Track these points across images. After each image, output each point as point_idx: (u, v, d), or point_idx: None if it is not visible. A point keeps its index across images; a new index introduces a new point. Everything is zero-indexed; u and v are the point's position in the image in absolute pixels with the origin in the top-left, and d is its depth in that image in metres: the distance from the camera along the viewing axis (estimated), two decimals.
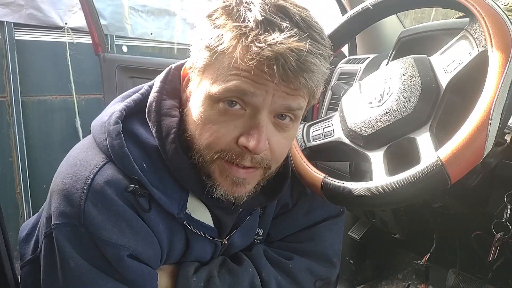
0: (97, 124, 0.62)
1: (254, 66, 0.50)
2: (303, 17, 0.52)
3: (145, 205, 0.57)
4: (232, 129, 0.54)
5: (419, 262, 1.12)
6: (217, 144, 0.55)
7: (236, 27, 0.51)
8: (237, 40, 0.51)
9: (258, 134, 0.53)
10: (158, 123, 0.60)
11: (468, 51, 0.63)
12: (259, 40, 0.49)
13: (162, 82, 0.64)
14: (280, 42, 0.49)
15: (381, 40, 1.35)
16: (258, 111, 0.53)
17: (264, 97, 0.52)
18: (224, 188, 0.58)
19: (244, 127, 0.54)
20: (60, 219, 0.56)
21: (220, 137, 0.55)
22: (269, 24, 0.50)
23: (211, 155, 0.56)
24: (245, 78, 0.51)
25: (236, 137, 0.55)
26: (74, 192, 0.55)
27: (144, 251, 0.58)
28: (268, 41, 0.49)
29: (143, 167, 0.58)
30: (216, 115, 0.54)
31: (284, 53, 0.49)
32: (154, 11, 2.81)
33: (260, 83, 0.51)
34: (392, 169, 0.63)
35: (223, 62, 0.52)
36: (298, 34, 0.50)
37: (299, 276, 0.71)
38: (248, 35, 0.50)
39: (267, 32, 0.50)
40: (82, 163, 0.58)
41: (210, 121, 0.55)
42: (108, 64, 1.81)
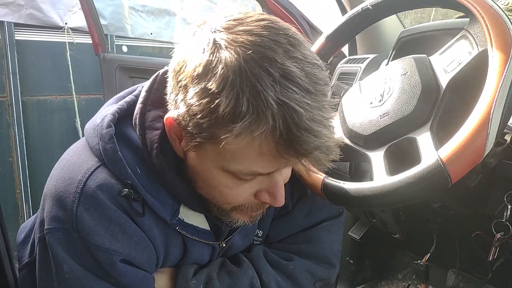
0: (90, 127, 0.61)
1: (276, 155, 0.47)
2: (308, 72, 0.47)
3: (139, 210, 0.57)
4: (249, 188, 0.54)
5: (419, 262, 1.12)
6: (235, 202, 0.56)
7: (253, 125, 0.44)
8: (253, 138, 0.45)
9: (277, 192, 0.54)
10: (143, 136, 0.58)
11: (468, 51, 0.63)
12: (281, 143, 0.45)
13: (147, 91, 0.61)
14: (304, 143, 0.45)
15: (381, 40, 1.35)
16: (273, 172, 0.53)
17: (279, 168, 0.52)
18: (243, 220, 0.61)
19: (261, 185, 0.54)
20: (53, 223, 0.55)
21: (236, 197, 0.56)
22: (286, 111, 0.44)
23: (231, 208, 0.58)
24: (263, 163, 0.49)
25: (253, 193, 0.55)
26: (67, 196, 0.55)
27: (138, 256, 0.58)
28: (293, 143, 0.45)
29: (137, 172, 0.57)
30: (230, 182, 0.53)
31: (312, 153, 0.46)
32: (154, 11, 2.81)
33: (277, 162, 0.49)
34: (392, 169, 0.63)
35: (235, 147, 0.47)
36: (315, 109, 0.46)
37: (298, 277, 0.71)
38: (269, 135, 0.45)
39: (287, 128, 0.44)
40: (74, 167, 0.57)
41: (225, 187, 0.54)
42: (108, 64, 1.81)
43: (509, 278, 0.97)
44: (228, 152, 0.48)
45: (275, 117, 0.44)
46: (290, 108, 0.44)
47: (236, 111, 0.44)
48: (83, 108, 2.49)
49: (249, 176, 0.52)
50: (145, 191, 0.57)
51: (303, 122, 0.45)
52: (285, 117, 0.44)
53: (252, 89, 0.44)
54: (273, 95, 0.44)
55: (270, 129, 0.44)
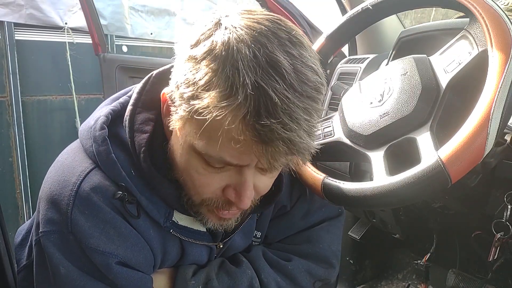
0: (84, 129, 0.60)
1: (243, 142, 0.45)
2: (297, 69, 0.46)
3: (134, 212, 0.56)
4: (218, 181, 0.53)
5: (419, 262, 1.12)
6: (203, 192, 0.54)
7: (224, 101, 0.44)
8: (224, 115, 0.44)
9: (244, 192, 0.51)
10: (132, 139, 0.58)
11: (468, 51, 0.63)
12: (248, 124, 0.44)
13: (139, 93, 0.61)
14: (271, 131, 0.43)
15: (381, 40, 1.35)
16: (243, 168, 0.51)
17: (249, 163, 0.49)
18: (213, 222, 0.59)
19: (230, 180, 0.52)
20: (48, 226, 0.55)
21: (205, 187, 0.54)
22: (260, 97, 0.43)
23: (199, 201, 0.56)
24: (230, 150, 0.47)
25: (222, 187, 0.53)
26: (61, 199, 0.55)
27: (134, 257, 0.57)
28: (258, 128, 0.43)
29: (131, 174, 0.57)
30: (200, 167, 0.52)
31: (275, 143, 0.44)
32: (154, 11, 2.81)
33: (246, 154, 0.47)
34: (392, 169, 0.63)
35: (209, 125, 0.46)
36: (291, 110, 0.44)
37: (298, 277, 0.71)
38: (237, 114, 0.44)
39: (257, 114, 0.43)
40: (69, 169, 0.57)
41: (195, 171, 0.52)
42: (108, 64, 1.81)
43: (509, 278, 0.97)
44: (201, 127, 0.47)
45: (247, 97, 0.43)
46: (266, 94, 0.43)
47: (212, 80, 0.44)
48: (83, 108, 2.49)
49: (217, 163, 0.50)
50: (139, 193, 0.56)
51: (275, 111, 0.43)
52: (258, 100, 0.43)
53: (233, 65, 0.44)
54: (251, 77, 0.43)
55: (239, 107, 0.43)
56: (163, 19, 2.87)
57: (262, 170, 0.53)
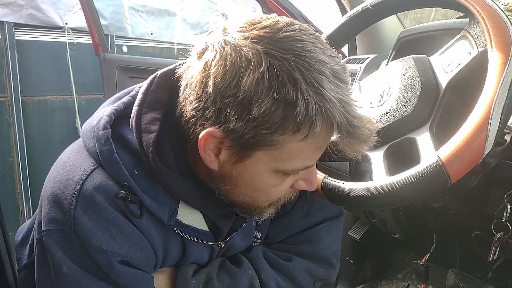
0: (87, 128, 0.61)
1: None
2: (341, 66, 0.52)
3: (136, 211, 0.56)
4: (289, 181, 0.58)
5: (419, 262, 1.12)
6: (276, 198, 0.60)
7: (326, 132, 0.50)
8: (322, 135, 0.50)
9: (314, 180, 0.59)
10: (139, 140, 0.58)
11: (468, 51, 0.63)
12: (349, 133, 0.50)
13: (144, 94, 0.61)
14: (362, 131, 0.51)
15: (381, 40, 1.35)
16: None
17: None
18: (271, 212, 0.64)
19: (299, 175, 0.58)
20: (50, 225, 0.55)
21: (279, 193, 0.59)
22: (345, 108, 0.49)
23: (268, 204, 0.61)
24: (314, 156, 0.54)
25: (291, 185, 0.59)
26: (64, 198, 0.55)
27: (136, 256, 0.57)
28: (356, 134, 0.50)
29: (134, 173, 0.57)
30: (278, 181, 0.56)
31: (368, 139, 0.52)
32: (154, 11, 2.81)
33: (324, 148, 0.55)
34: (392, 169, 0.63)
35: (295, 147, 0.51)
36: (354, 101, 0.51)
37: (298, 277, 0.71)
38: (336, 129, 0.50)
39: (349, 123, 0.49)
40: (71, 168, 0.57)
41: (272, 186, 0.56)
42: (108, 64, 1.81)
43: (509, 278, 0.97)
44: (286, 154, 0.51)
45: (340, 114, 0.48)
46: (346, 104, 0.49)
47: (307, 116, 0.47)
48: (83, 108, 2.49)
49: (299, 170, 0.55)
50: (142, 193, 0.57)
51: (355, 111, 0.50)
52: (346, 113, 0.49)
53: (317, 92, 0.47)
54: (334, 95, 0.48)
55: (336, 127, 0.49)
56: (163, 19, 2.87)
57: None
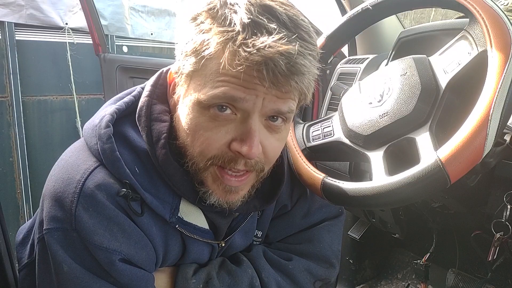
0: (89, 127, 0.61)
1: (243, 71, 0.48)
2: (290, 16, 0.51)
3: (138, 209, 0.57)
4: (224, 134, 0.54)
5: (419, 262, 1.12)
6: (209, 150, 0.54)
7: (222, 31, 0.49)
8: (224, 45, 0.49)
9: (250, 139, 0.52)
10: (148, 128, 0.59)
11: (467, 51, 0.63)
12: (247, 44, 0.47)
13: (153, 86, 0.63)
14: (269, 46, 0.47)
15: (381, 40, 1.35)
16: (249, 115, 0.52)
17: (254, 102, 0.51)
18: (217, 195, 0.58)
19: (236, 132, 0.53)
20: (52, 223, 0.56)
21: (212, 143, 0.54)
22: (256, 27, 0.48)
23: (204, 162, 0.56)
24: (234, 84, 0.50)
25: (228, 142, 0.54)
26: (65, 196, 0.55)
27: (137, 255, 0.58)
28: (257, 45, 0.47)
29: (135, 171, 0.57)
30: (206, 121, 0.53)
31: (274, 57, 0.47)
32: (154, 11, 2.82)
33: (250, 88, 0.50)
34: (391, 169, 0.63)
35: (210, 67, 0.51)
36: (286, 36, 0.49)
37: (298, 277, 0.71)
38: (235, 39, 0.48)
39: (254, 36, 0.48)
40: (73, 167, 0.58)
41: (201, 128, 0.54)
42: (108, 64, 1.81)
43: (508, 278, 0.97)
44: (204, 76, 0.52)
45: (244, 26, 0.48)
46: (260, 25, 0.49)
47: (213, 21, 0.50)
48: (83, 108, 2.49)
49: (223, 103, 0.52)
50: (144, 190, 0.57)
51: (271, 34, 0.48)
52: (253, 27, 0.48)
53: (230, 9, 0.50)
54: (247, 14, 0.49)
55: (237, 34, 0.48)
56: (163, 19, 2.87)
57: (269, 123, 0.55)
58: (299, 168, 0.75)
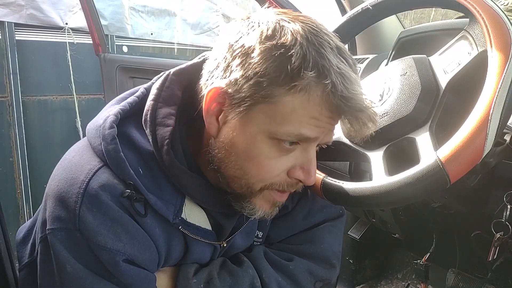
0: (92, 127, 0.61)
1: (326, 117, 0.52)
2: (349, 54, 0.54)
3: (141, 210, 0.57)
4: (285, 162, 0.56)
5: (419, 262, 1.12)
6: (270, 177, 0.57)
7: (316, 80, 0.50)
8: (313, 93, 0.50)
9: (312, 168, 0.56)
10: (153, 133, 0.59)
11: (467, 51, 0.63)
12: (345, 97, 0.50)
13: (159, 89, 0.62)
14: (360, 100, 0.51)
15: (381, 40, 1.35)
16: (310, 146, 0.55)
17: (321, 137, 0.55)
18: (265, 210, 0.61)
19: (297, 160, 0.56)
20: (55, 223, 0.55)
21: (273, 171, 0.56)
22: (343, 75, 0.50)
23: (261, 187, 0.58)
24: (311, 126, 0.52)
25: (287, 169, 0.56)
26: (69, 196, 0.55)
27: (141, 255, 0.58)
28: (351, 98, 0.50)
29: (139, 172, 0.57)
30: (272, 151, 0.55)
31: (366, 110, 0.52)
32: (155, 11, 2.82)
33: (322, 126, 0.53)
34: (391, 169, 0.63)
35: (289, 106, 0.51)
36: (359, 82, 0.52)
37: (299, 277, 0.71)
38: (329, 90, 0.50)
39: (345, 87, 0.50)
40: (77, 167, 0.58)
41: (265, 157, 0.55)
42: (108, 64, 1.81)
43: (508, 278, 0.97)
44: (280, 113, 0.52)
45: (336, 76, 0.49)
46: (346, 74, 0.50)
47: (304, 64, 0.49)
48: (83, 108, 2.49)
49: (294, 139, 0.54)
50: (147, 191, 0.57)
51: (355, 85, 0.51)
52: (343, 78, 0.50)
53: (317, 51, 0.50)
54: (334, 60, 0.50)
55: (333, 85, 0.49)
56: (164, 19, 2.87)
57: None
58: None
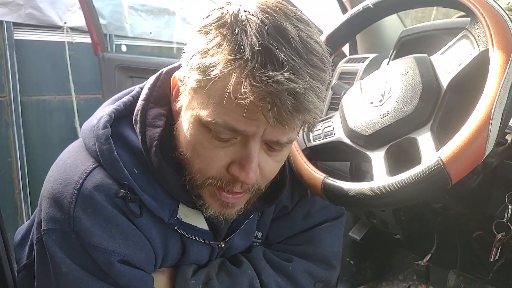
0: (87, 128, 0.61)
1: (247, 102, 0.46)
2: (303, 38, 0.48)
3: (136, 211, 0.56)
4: (223, 156, 0.53)
5: (420, 263, 1.12)
6: (208, 170, 0.54)
7: (231, 56, 0.46)
8: (230, 72, 0.46)
9: (249, 165, 0.51)
10: (143, 133, 0.58)
11: (469, 51, 0.63)
12: (255, 77, 0.45)
13: (150, 89, 0.62)
14: (277, 82, 0.45)
15: (382, 39, 1.34)
16: (249, 140, 0.51)
17: (255, 131, 0.50)
18: (214, 209, 0.58)
19: (235, 155, 0.52)
20: (50, 224, 0.55)
21: (210, 163, 0.53)
22: (266, 55, 0.45)
23: (202, 180, 0.56)
24: (236, 114, 0.48)
25: (226, 164, 0.53)
26: (64, 197, 0.55)
27: (136, 256, 0.57)
28: (264, 79, 0.45)
29: (133, 172, 0.57)
30: (206, 141, 0.52)
31: (280, 95, 0.45)
32: (154, 10, 2.81)
33: (252, 118, 0.48)
34: (392, 169, 0.63)
35: (215, 89, 0.48)
36: (297, 67, 0.46)
37: (298, 278, 0.71)
38: (243, 68, 0.46)
39: (263, 67, 0.45)
40: (71, 168, 0.57)
41: (200, 146, 0.53)
42: (107, 64, 1.81)
43: (510, 279, 0.97)
44: (207, 96, 0.49)
45: (254, 54, 0.45)
46: (272, 54, 0.46)
47: (222, 42, 0.47)
48: (82, 108, 2.49)
49: (223, 133, 0.50)
50: (142, 191, 0.57)
51: (280, 67, 0.45)
52: (264, 57, 0.45)
53: (241, 29, 0.47)
54: (259, 38, 0.46)
55: (246, 62, 0.45)
56: (163, 18, 2.86)
57: (268, 147, 0.54)
58: (299, 168, 0.74)
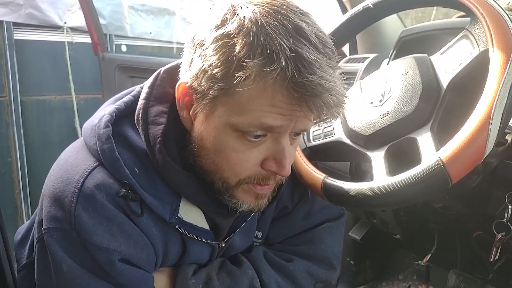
0: (88, 127, 0.61)
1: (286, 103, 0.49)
2: (316, 34, 0.50)
3: (137, 210, 0.57)
4: (257, 155, 0.55)
5: (420, 263, 1.12)
6: (242, 171, 0.56)
7: (266, 66, 0.47)
8: (267, 80, 0.48)
9: (284, 159, 0.54)
10: (146, 132, 0.59)
11: (469, 51, 0.63)
12: (296, 82, 0.47)
13: (150, 88, 0.62)
14: (315, 84, 0.47)
15: (382, 39, 1.34)
16: (281, 135, 0.54)
17: (288, 125, 0.52)
18: (249, 203, 0.60)
19: (268, 152, 0.55)
20: (51, 223, 0.55)
21: (245, 164, 0.55)
22: (298, 59, 0.47)
23: (236, 182, 0.57)
24: (273, 114, 0.50)
25: (260, 161, 0.55)
26: (65, 196, 0.55)
27: (137, 255, 0.57)
28: (305, 84, 0.47)
29: (134, 171, 0.57)
30: (238, 144, 0.53)
31: (322, 95, 0.48)
32: (154, 10, 2.81)
33: (287, 114, 0.50)
34: (392, 169, 0.63)
35: (246, 97, 0.49)
36: (322, 65, 0.49)
37: (299, 278, 0.71)
38: (283, 76, 0.47)
39: (299, 71, 0.47)
40: (72, 167, 0.58)
41: (232, 150, 0.54)
42: (107, 64, 1.81)
43: (510, 279, 0.97)
44: (238, 103, 0.50)
45: (288, 60, 0.46)
46: (302, 56, 0.47)
47: (251, 51, 0.47)
48: (82, 108, 2.49)
49: (258, 131, 0.52)
50: (143, 190, 0.57)
51: (312, 70, 0.47)
52: (296, 61, 0.47)
53: (267, 35, 0.47)
54: (286, 43, 0.47)
55: (282, 70, 0.47)
56: (163, 18, 2.86)
57: (291, 136, 0.56)
58: (299, 168, 0.74)
